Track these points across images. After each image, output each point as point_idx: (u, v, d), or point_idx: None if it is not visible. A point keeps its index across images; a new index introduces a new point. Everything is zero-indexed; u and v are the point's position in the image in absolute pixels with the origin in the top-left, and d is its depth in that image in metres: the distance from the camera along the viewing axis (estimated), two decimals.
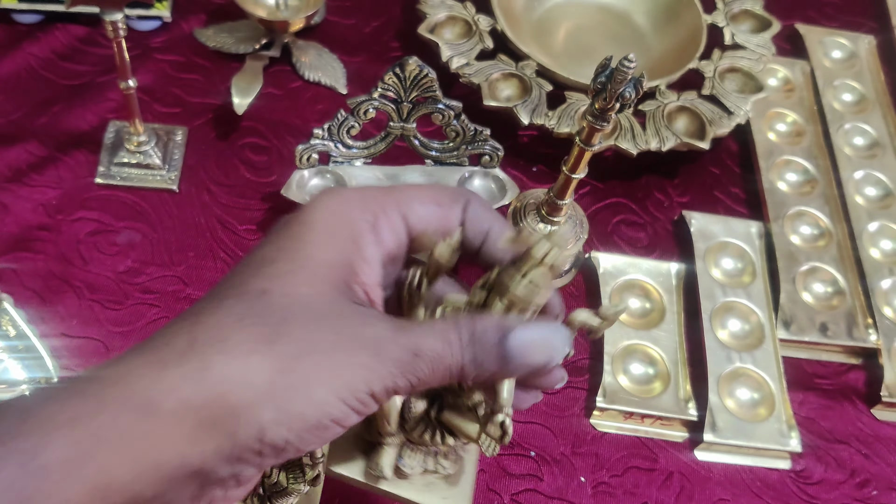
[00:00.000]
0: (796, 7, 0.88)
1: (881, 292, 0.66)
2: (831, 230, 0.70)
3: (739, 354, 0.62)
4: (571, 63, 0.74)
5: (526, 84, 0.70)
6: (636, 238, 0.69)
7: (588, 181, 0.71)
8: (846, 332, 0.64)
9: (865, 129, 0.77)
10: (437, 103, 0.60)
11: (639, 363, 0.61)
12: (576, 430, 0.58)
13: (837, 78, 0.81)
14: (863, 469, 0.60)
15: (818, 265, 0.68)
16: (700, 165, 0.74)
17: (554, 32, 0.79)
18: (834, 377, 0.64)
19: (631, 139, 0.68)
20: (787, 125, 0.77)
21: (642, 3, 0.80)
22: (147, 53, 0.73)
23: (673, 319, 0.63)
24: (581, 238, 0.63)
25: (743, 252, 0.67)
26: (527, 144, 0.73)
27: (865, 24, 0.88)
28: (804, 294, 0.66)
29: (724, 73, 0.74)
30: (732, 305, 0.64)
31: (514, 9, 0.77)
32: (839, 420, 0.62)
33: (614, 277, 0.65)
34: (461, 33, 0.74)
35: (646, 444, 0.59)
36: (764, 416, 0.59)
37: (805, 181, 0.73)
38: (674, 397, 0.59)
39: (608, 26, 0.80)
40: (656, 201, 0.72)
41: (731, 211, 0.72)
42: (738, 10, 0.80)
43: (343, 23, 0.79)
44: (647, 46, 0.78)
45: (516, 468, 0.56)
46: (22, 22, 0.73)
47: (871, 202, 0.72)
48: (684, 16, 0.78)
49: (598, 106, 0.51)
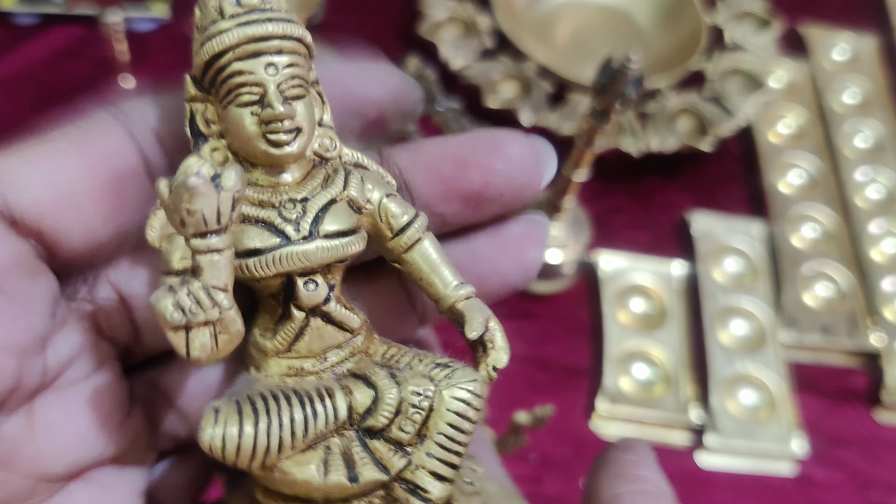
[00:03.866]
0: (798, 8, 0.87)
1: (883, 294, 0.66)
2: (833, 232, 0.70)
3: (741, 357, 0.61)
4: (572, 63, 0.73)
5: (526, 84, 0.70)
6: (637, 239, 0.69)
7: (589, 182, 0.71)
8: (848, 334, 0.64)
9: (867, 130, 0.77)
10: (437, 103, 0.60)
11: (640, 365, 0.61)
12: (576, 433, 0.58)
13: (839, 79, 0.81)
14: (864, 471, 0.59)
15: (820, 267, 0.67)
16: (702, 166, 0.74)
17: (554, 32, 0.78)
18: (835, 379, 0.64)
19: (632, 140, 0.68)
20: (788, 126, 0.77)
21: (643, 4, 0.80)
22: (146, 55, 0.73)
23: (674, 321, 0.63)
24: (582, 239, 0.63)
25: (745, 254, 0.67)
26: None
27: (867, 25, 0.88)
28: (806, 296, 0.66)
29: (726, 74, 0.74)
30: (734, 307, 0.64)
31: (515, 9, 0.77)
32: (840, 422, 0.61)
33: (615, 279, 0.65)
34: (461, 33, 0.74)
35: None
36: (766, 419, 0.59)
37: (807, 182, 0.73)
38: (675, 400, 0.59)
39: (609, 26, 0.79)
40: (658, 203, 0.71)
41: (732, 212, 0.71)
42: (739, 11, 0.79)
43: (343, 23, 0.79)
44: (648, 46, 0.77)
45: (516, 471, 0.56)
46: (20, 24, 0.73)
47: (873, 203, 0.72)
48: (685, 16, 0.77)
49: (598, 106, 0.51)
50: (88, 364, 0.25)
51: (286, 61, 0.24)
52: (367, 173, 0.26)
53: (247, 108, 0.23)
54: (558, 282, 0.65)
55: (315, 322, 0.24)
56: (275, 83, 0.23)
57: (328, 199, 0.24)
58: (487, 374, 0.26)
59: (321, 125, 0.25)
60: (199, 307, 0.22)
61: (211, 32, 0.23)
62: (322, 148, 0.25)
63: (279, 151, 0.24)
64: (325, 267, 0.24)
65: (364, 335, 0.26)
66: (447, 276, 0.26)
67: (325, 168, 0.25)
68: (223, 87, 0.24)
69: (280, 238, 0.23)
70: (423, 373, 0.25)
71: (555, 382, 0.61)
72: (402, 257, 0.26)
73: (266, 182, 0.24)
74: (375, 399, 0.24)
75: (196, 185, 0.20)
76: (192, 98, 0.24)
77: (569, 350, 0.62)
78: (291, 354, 0.25)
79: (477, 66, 0.70)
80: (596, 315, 0.64)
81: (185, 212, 0.21)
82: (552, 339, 0.63)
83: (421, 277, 0.26)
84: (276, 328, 0.24)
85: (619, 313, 0.63)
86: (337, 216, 0.24)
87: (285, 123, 0.23)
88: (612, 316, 0.63)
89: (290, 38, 0.24)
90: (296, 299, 0.24)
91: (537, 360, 0.62)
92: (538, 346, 0.62)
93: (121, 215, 0.25)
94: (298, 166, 0.25)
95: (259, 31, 0.23)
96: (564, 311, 0.65)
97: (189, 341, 0.22)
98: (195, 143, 0.25)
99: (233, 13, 0.23)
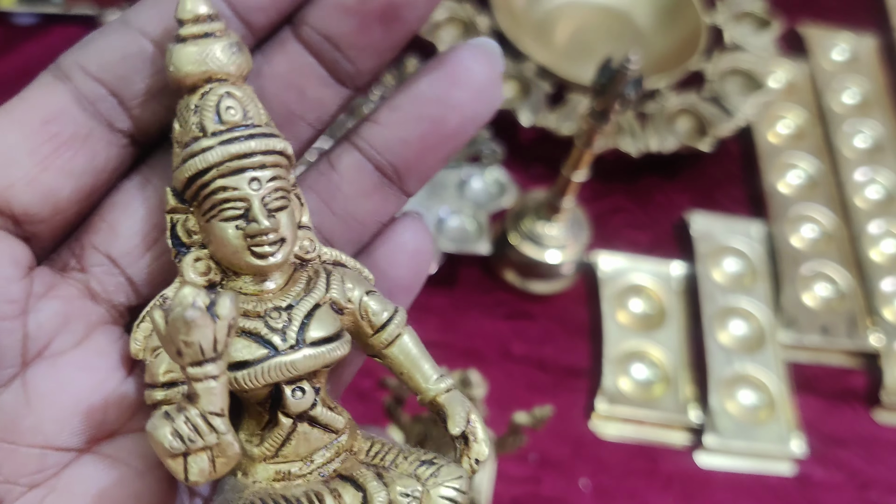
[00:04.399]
0: (797, 8, 0.87)
1: (882, 294, 0.66)
2: (833, 232, 0.70)
3: (740, 357, 0.61)
4: (571, 63, 0.73)
5: (526, 84, 0.70)
6: (637, 240, 0.69)
7: (589, 182, 0.71)
8: (847, 334, 0.64)
9: (867, 131, 0.77)
10: None
11: (639, 366, 0.61)
12: (576, 433, 0.58)
13: (839, 79, 0.81)
14: (863, 471, 0.59)
15: (819, 267, 0.67)
16: (701, 167, 0.74)
17: (554, 33, 0.78)
18: (834, 380, 0.64)
19: (631, 140, 0.68)
20: (788, 126, 0.77)
21: (643, 4, 0.79)
22: None
23: (673, 322, 0.63)
24: (582, 239, 0.63)
25: (744, 254, 0.67)
26: (527, 145, 0.73)
27: (867, 25, 0.88)
28: (805, 296, 0.66)
29: (726, 75, 0.74)
30: (733, 307, 0.64)
31: (514, 9, 0.77)
32: (840, 423, 0.61)
33: (615, 279, 0.65)
34: (461, 33, 0.74)
35: (646, 447, 0.58)
36: (765, 420, 0.59)
37: (806, 183, 0.73)
38: (674, 400, 0.59)
39: (609, 26, 0.79)
40: (657, 203, 0.71)
41: (732, 212, 0.71)
42: (739, 11, 0.79)
43: None
44: (647, 47, 0.77)
45: (515, 471, 0.56)
46: (19, 24, 0.73)
47: (872, 204, 0.72)
48: (685, 16, 0.77)
49: (598, 106, 0.51)
50: (79, 331, 0.25)
51: (269, 175, 0.24)
52: (346, 272, 0.26)
53: (231, 223, 0.24)
54: (558, 282, 0.65)
55: (302, 427, 0.25)
56: (259, 198, 0.24)
57: (312, 304, 0.25)
58: (470, 467, 0.26)
59: (301, 227, 0.26)
60: (198, 434, 0.22)
61: (193, 150, 0.24)
62: (302, 251, 0.26)
63: (264, 263, 0.24)
64: (311, 373, 0.24)
65: (348, 433, 0.26)
66: (427, 371, 0.26)
67: (307, 270, 0.26)
68: (206, 202, 0.24)
69: (268, 349, 0.24)
70: (409, 471, 0.25)
71: (554, 383, 0.61)
72: (382, 353, 0.27)
73: (250, 290, 0.25)
74: (364, 502, 0.24)
75: (194, 319, 0.20)
76: (172, 210, 0.25)
77: (568, 350, 0.62)
78: (279, 459, 0.25)
79: None
80: (595, 315, 0.64)
81: (183, 343, 0.21)
82: (551, 339, 0.63)
83: (402, 372, 0.27)
84: (264, 434, 0.25)
85: (619, 313, 0.63)
86: (321, 322, 0.25)
87: (270, 236, 0.24)
88: (611, 316, 0.63)
89: (273, 152, 0.24)
90: (283, 407, 0.24)
91: (536, 360, 0.62)
92: (537, 346, 0.62)
93: (75, 173, 0.25)
94: (281, 272, 0.25)
95: (242, 149, 0.24)
96: (564, 311, 0.65)
97: (188, 467, 0.22)
98: (176, 253, 0.25)
99: (214, 130, 0.24)
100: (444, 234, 0.63)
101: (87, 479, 0.25)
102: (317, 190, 0.27)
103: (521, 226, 0.63)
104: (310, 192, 0.27)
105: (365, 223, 0.28)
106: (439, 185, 0.65)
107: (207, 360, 0.21)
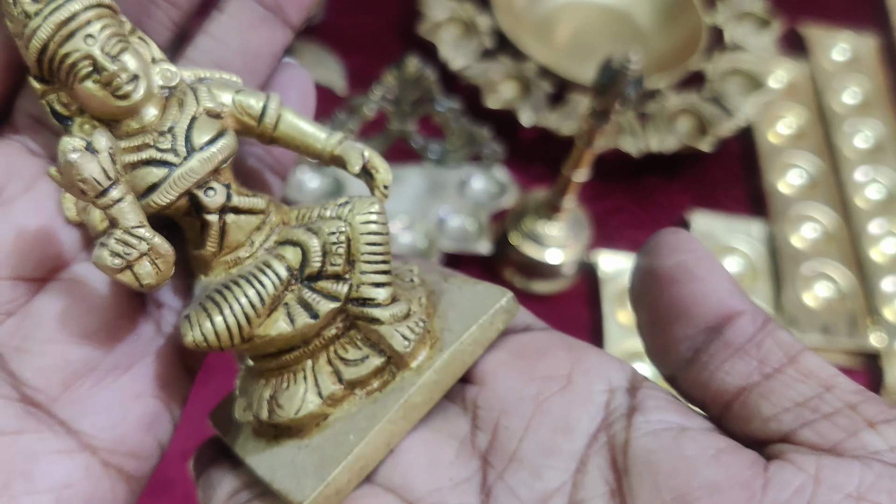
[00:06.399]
0: (798, 8, 0.87)
1: (883, 294, 0.66)
2: (833, 232, 0.70)
3: None
4: (572, 63, 0.73)
5: (526, 84, 0.70)
6: (637, 239, 0.69)
7: (589, 182, 0.71)
8: (848, 334, 0.64)
9: (867, 130, 0.77)
10: (437, 103, 0.60)
11: (640, 366, 0.61)
12: None
13: (839, 79, 0.81)
14: None
15: (820, 267, 0.67)
16: (702, 166, 0.74)
17: (554, 33, 0.78)
18: None
19: (632, 140, 0.68)
20: (788, 126, 0.77)
21: (643, 4, 0.80)
22: None
23: None
24: (582, 239, 0.63)
25: (744, 253, 0.67)
26: (527, 145, 0.73)
27: (867, 25, 0.88)
28: (806, 296, 0.66)
29: (726, 74, 0.74)
30: None
31: (515, 9, 0.77)
32: None
33: (615, 279, 0.65)
34: (461, 33, 0.74)
35: None
36: None
37: (807, 182, 0.73)
38: None
39: (609, 26, 0.79)
40: (658, 203, 0.71)
41: (732, 212, 0.71)
42: (739, 11, 0.79)
43: (343, 23, 0.79)
44: (648, 46, 0.77)
45: None
46: None
47: (873, 203, 0.72)
48: (685, 16, 0.77)
49: (598, 106, 0.51)
50: (26, 179, 0.28)
51: (99, 27, 0.27)
52: (210, 82, 0.29)
53: (88, 80, 0.27)
54: (558, 282, 0.65)
55: (230, 218, 0.28)
56: (98, 48, 0.26)
57: (189, 118, 0.28)
58: (381, 194, 0.30)
59: (155, 62, 0.29)
60: (129, 246, 0.25)
61: (27, 35, 0.26)
62: (165, 80, 0.29)
63: (129, 102, 0.27)
64: (213, 173, 0.28)
65: (274, 211, 0.29)
66: (317, 133, 0.30)
67: (176, 94, 0.28)
68: (61, 73, 0.27)
69: (167, 168, 0.27)
70: (332, 216, 0.29)
71: None
72: (274, 136, 0.30)
73: (134, 128, 0.28)
74: (304, 252, 0.28)
75: (76, 159, 0.24)
76: (43, 93, 0.28)
77: None
78: (225, 251, 0.28)
79: (477, 67, 0.70)
80: (596, 315, 0.64)
81: (80, 183, 0.24)
82: None
83: (297, 145, 0.30)
84: (203, 237, 0.28)
85: (620, 313, 0.63)
86: (201, 129, 0.28)
87: (122, 77, 0.27)
88: (612, 316, 0.63)
89: (92, 6, 0.27)
90: (204, 209, 0.28)
91: None
92: None
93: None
94: (153, 104, 0.28)
95: (64, 15, 0.26)
96: (564, 311, 0.65)
97: (136, 275, 0.26)
98: (65, 128, 0.28)
99: (36, 10, 0.26)
100: (444, 233, 0.63)
101: (54, 301, 0.28)
102: (210, 32, 0.31)
103: (521, 225, 0.63)
104: (205, 36, 0.31)
105: (260, 54, 0.31)
106: (440, 184, 0.65)
107: (108, 189, 0.25)
